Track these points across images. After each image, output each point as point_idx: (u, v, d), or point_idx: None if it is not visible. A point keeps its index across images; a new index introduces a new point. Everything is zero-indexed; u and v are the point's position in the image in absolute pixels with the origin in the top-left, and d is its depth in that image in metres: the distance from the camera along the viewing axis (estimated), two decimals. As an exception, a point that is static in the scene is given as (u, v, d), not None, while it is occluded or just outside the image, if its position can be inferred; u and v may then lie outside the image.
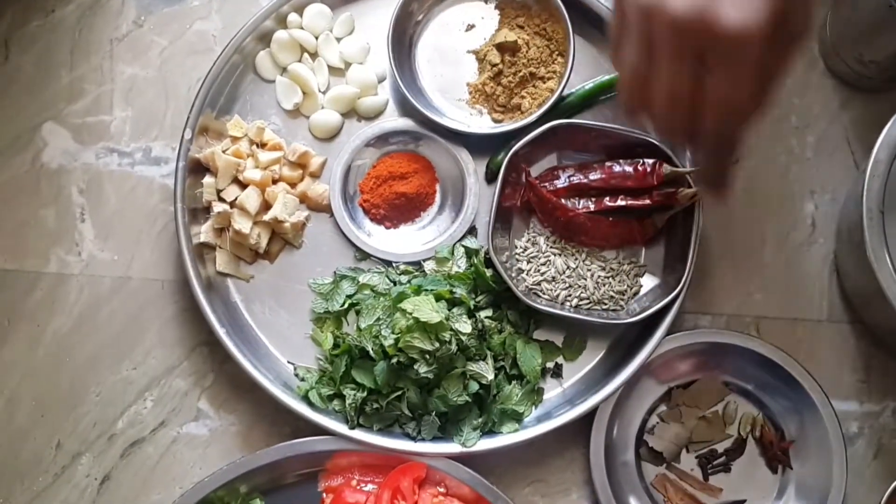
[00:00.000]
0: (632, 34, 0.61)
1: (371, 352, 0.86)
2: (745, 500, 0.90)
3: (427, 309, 0.86)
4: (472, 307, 0.88)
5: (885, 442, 0.92)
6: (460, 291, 0.89)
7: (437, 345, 0.85)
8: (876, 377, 0.93)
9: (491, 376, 0.87)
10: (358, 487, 0.86)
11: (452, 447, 0.86)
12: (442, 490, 0.86)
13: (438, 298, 0.87)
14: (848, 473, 0.86)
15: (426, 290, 0.88)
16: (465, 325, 0.87)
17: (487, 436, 0.87)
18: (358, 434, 0.86)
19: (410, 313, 0.85)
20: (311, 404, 0.87)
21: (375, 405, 0.87)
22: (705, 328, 0.93)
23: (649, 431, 0.92)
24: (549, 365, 0.92)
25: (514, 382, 0.89)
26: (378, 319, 0.88)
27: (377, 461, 0.86)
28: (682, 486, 0.90)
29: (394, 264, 0.92)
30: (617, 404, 0.89)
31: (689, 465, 0.91)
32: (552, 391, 0.91)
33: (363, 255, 0.93)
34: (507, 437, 0.87)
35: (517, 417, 0.89)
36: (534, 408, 0.90)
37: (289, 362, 0.91)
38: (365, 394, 0.87)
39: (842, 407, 0.92)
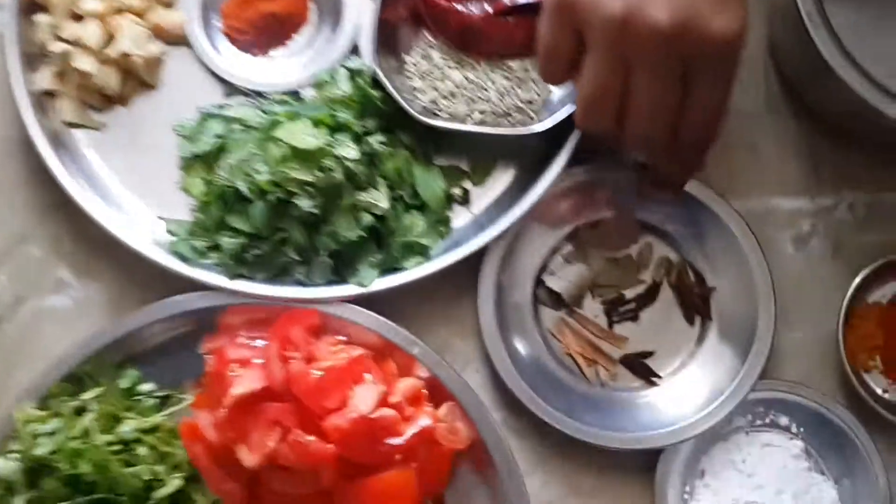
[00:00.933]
0: (598, 49, 0.59)
1: (245, 191, 0.75)
2: (653, 352, 0.80)
3: (304, 135, 0.74)
4: (359, 133, 0.77)
5: (844, 238, 0.81)
6: (344, 116, 0.77)
7: (318, 174, 0.73)
8: (826, 168, 0.82)
9: (385, 205, 0.76)
10: (247, 343, 0.75)
11: (349, 289, 0.76)
12: (343, 339, 0.76)
13: (318, 124, 0.76)
14: (776, 315, 0.76)
15: (304, 116, 0.76)
16: (349, 150, 0.75)
17: (389, 273, 0.77)
18: (239, 285, 0.75)
19: (284, 141, 0.74)
20: (183, 259, 0.76)
21: (257, 251, 0.76)
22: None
23: (550, 272, 0.81)
24: (456, 192, 0.81)
25: (415, 213, 0.78)
26: (250, 154, 0.76)
27: (268, 316, 0.76)
28: (583, 333, 0.80)
29: (268, 96, 0.80)
30: (516, 240, 0.78)
31: (594, 312, 0.81)
32: (461, 220, 0.80)
33: (231, 89, 0.81)
34: (411, 272, 0.76)
35: (422, 251, 0.78)
36: (440, 239, 0.79)
37: (160, 218, 0.79)
38: (244, 240, 0.76)
39: (791, 205, 0.82)
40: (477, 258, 0.77)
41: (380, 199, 0.76)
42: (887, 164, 0.82)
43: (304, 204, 0.73)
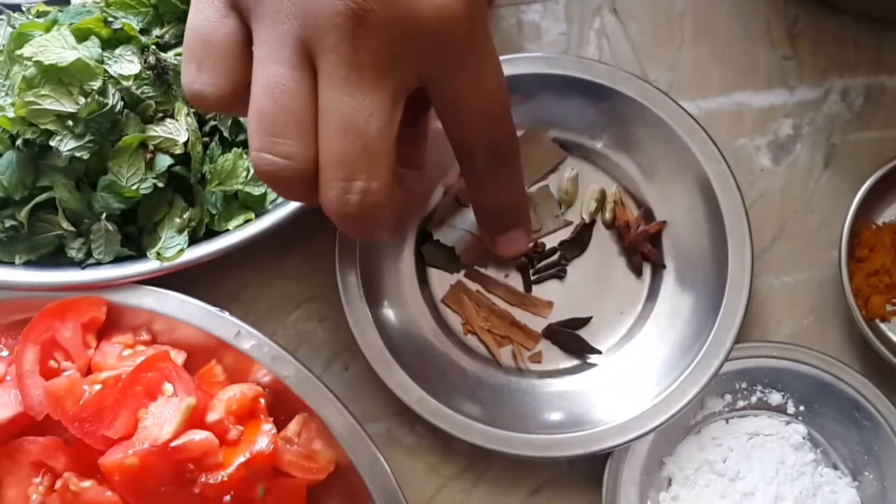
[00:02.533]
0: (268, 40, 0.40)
1: (-18, 137, 0.52)
2: (588, 319, 0.58)
3: (57, 48, 0.52)
4: (147, 45, 0.54)
5: (837, 141, 0.59)
6: (125, 21, 0.54)
7: (83, 101, 0.51)
8: (807, 47, 0.60)
9: (183, 139, 0.53)
10: (0, 354, 0.52)
11: (147, 265, 0.53)
12: (145, 337, 0.53)
13: (84, 35, 0.53)
14: (753, 253, 0.54)
15: (64, 26, 0.53)
16: (128, 66, 0.53)
17: (204, 239, 0.54)
18: (-13, 273, 0.53)
19: (31, 59, 0.51)
20: None
21: (11, 223, 0.53)
22: (531, 52, 0.60)
23: (438, 221, 0.59)
24: (300, 119, 0.58)
25: (239, 151, 0.55)
26: (-7, 87, 0.54)
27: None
28: (490, 300, 0.58)
29: (24, 7, 0.58)
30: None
31: (504, 271, 0.59)
32: (309, 158, 0.58)
33: (-26, 2, 0.58)
34: (237, 235, 0.54)
35: (255, 202, 0.55)
36: (280, 186, 0.56)
37: None
38: (-10, 208, 0.53)
39: (764, 101, 0.60)
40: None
41: (177, 132, 0.53)
42: (887, 34, 0.60)
43: (67, 146, 0.51)
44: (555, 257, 0.58)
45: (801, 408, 0.57)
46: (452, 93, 0.43)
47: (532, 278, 0.58)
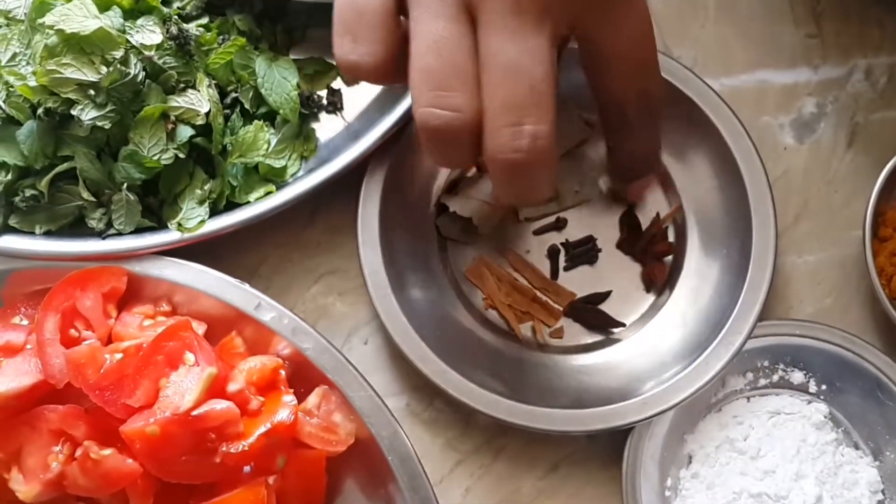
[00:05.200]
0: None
1: (3, 106, 0.52)
2: (608, 294, 0.57)
3: (79, 17, 0.51)
4: (169, 16, 0.54)
5: (861, 120, 0.59)
6: (147, -8, 0.54)
7: (105, 70, 0.51)
8: (831, 26, 0.60)
9: (205, 109, 0.53)
10: (20, 322, 0.52)
11: (168, 236, 0.53)
12: (165, 308, 0.53)
13: (106, 4, 0.53)
14: (777, 231, 0.53)
15: (86, -4, 0.53)
16: (150, 36, 0.53)
17: (225, 211, 0.54)
18: (9, 242, 0.53)
19: (53, 28, 0.51)
20: (-75, 210, 0.53)
21: (32, 192, 0.53)
22: None
23: (451, 190, 0.58)
24: (320, 93, 0.58)
25: (260, 123, 0.55)
26: (14, 56, 0.53)
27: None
28: (512, 276, 0.58)
29: (46, -23, 0.57)
30: (405, 153, 0.56)
31: (525, 245, 0.58)
32: (331, 131, 0.58)
33: (-5, -28, 0.58)
34: (258, 207, 0.54)
35: (274, 176, 0.55)
36: (301, 159, 0.56)
37: None
38: (10, 176, 0.53)
39: (787, 79, 0.59)
40: (354, 181, 0.54)
41: (199, 102, 0.53)
42: (913, 14, 0.60)
43: (88, 116, 0.51)
44: (586, 247, 0.58)
45: (823, 387, 0.56)
46: (603, 39, 0.43)
47: (559, 263, 0.57)
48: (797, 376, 0.56)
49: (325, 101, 0.58)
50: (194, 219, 0.53)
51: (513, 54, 0.39)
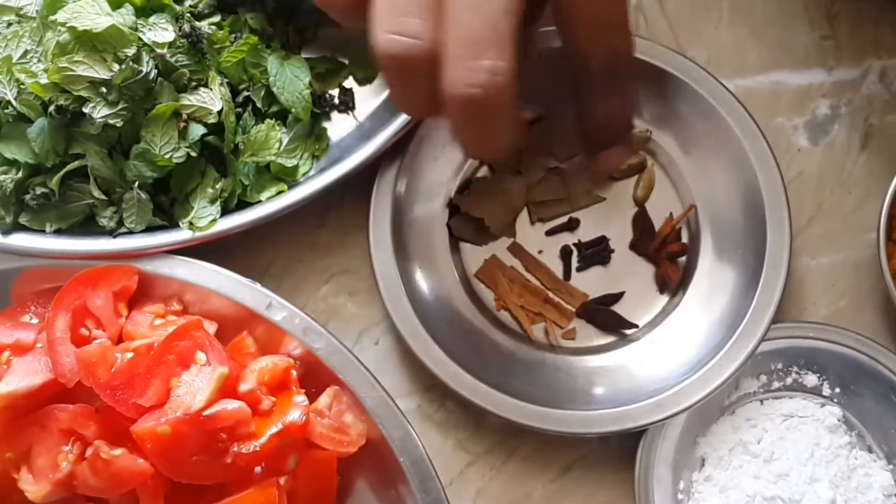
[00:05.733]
0: None
1: (14, 103, 0.52)
2: (621, 294, 0.57)
3: (91, 14, 0.51)
4: (181, 14, 0.54)
5: (875, 122, 0.59)
6: (159, -10, 0.54)
7: (117, 68, 0.50)
8: (845, 28, 0.59)
9: (217, 108, 0.53)
10: (29, 321, 0.52)
11: (179, 235, 0.53)
12: (176, 307, 0.53)
13: (118, 2, 0.53)
14: (791, 233, 0.53)
15: (97, -7, 0.53)
16: (162, 34, 0.52)
17: (237, 210, 0.54)
18: (19, 240, 0.52)
19: (65, 25, 0.51)
20: (-67, 207, 0.53)
21: (42, 190, 0.53)
22: None
23: (463, 190, 0.58)
24: (332, 92, 0.58)
25: (272, 122, 0.55)
26: (26, 54, 0.53)
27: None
28: (524, 277, 0.57)
29: (57, -26, 0.57)
30: (419, 151, 0.56)
31: (537, 246, 0.58)
32: (342, 130, 0.57)
33: (6, -31, 0.58)
34: (269, 206, 0.54)
35: (287, 173, 0.55)
36: (313, 159, 0.56)
37: None
38: (21, 174, 0.53)
39: (801, 80, 0.59)
40: (365, 181, 0.54)
41: (211, 101, 0.53)
42: (927, 16, 0.60)
43: (100, 113, 0.51)
44: (598, 247, 0.57)
45: (837, 390, 0.56)
46: None
47: (571, 263, 0.57)
48: (811, 379, 0.56)
49: (336, 101, 0.57)
50: (206, 218, 0.53)
51: None
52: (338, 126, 0.57)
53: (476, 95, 0.39)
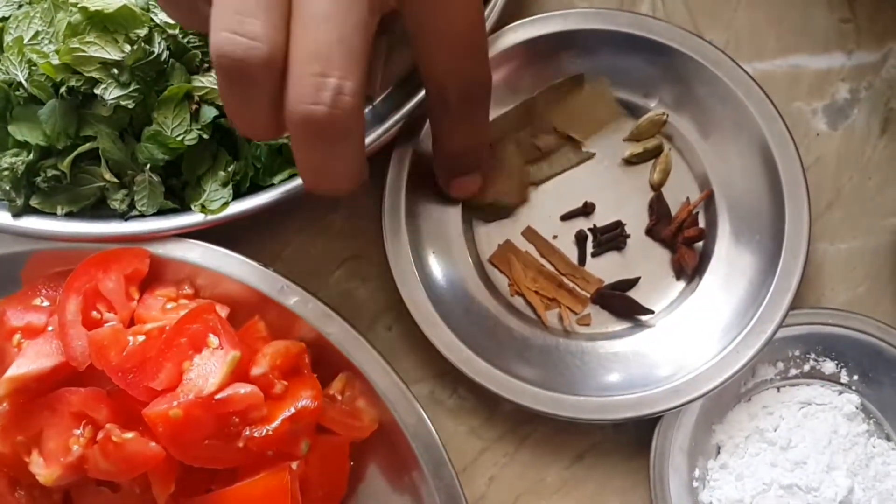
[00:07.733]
0: None
1: (25, 84, 0.51)
2: (637, 280, 0.56)
3: (104, -6, 0.51)
4: (194, -6, 0.53)
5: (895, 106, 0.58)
6: (171, -30, 0.53)
7: (128, 49, 0.50)
8: (865, 11, 0.59)
9: (229, 89, 0.52)
10: (40, 304, 0.52)
11: (191, 218, 0.52)
12: (188, 291, 0.53)
13: (130, -17, 0.52)
14: (811, 218, 0.52)
15: (110, -27, 0.53)
16: (174, 15, 0.52)
17: (251, 193, 0.53)
18: (29, 223, 0.52)
19: (76, 5, 0.50)
20: (-54, 190, 0.53)
21: (53, 172, 0.52)
22: (583, 8, 0.59)
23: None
24: (346, 75, 0.57)
25: (284, 105, 0.54)
26: (37, 34, 0.53)
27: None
28: (538, 262, 0.57)
29: (69, -45, 0.57)
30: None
31: (552, 231, 0.57)
32: (355, 113, 0.57)
33: (18, -50, 0.57)
34: (282, 189, 0.53)
35: (298, 158, 0.54)
36: (325, 142, 0.55)
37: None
38: (32, 156, 0.52)
39: (821, 64, 0.58)
40: (378, 165, 0.53)
41: (223, 82, 0.52)
42: (950, -1, 0.59)
43: (112, 95, 0.50)
44: (614, 232, 0.57)
45: (855, 377, 0.55)
46: (426, 16, 0.41)
47: (586, 248, 0.57)
48: (829, 366, 0.55)
49: (349, 84, 0.57)
50: (218, 200, 0.52)
51: (325, 2, 0.36)
52: (351, 109, 0.57)
53: (318, 114, 0.36)
